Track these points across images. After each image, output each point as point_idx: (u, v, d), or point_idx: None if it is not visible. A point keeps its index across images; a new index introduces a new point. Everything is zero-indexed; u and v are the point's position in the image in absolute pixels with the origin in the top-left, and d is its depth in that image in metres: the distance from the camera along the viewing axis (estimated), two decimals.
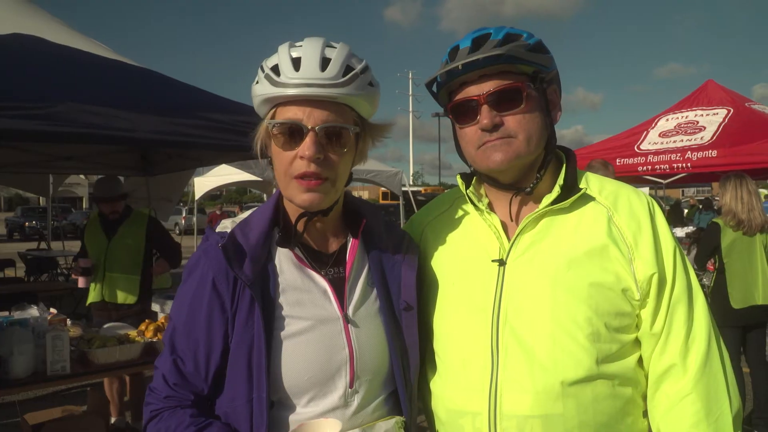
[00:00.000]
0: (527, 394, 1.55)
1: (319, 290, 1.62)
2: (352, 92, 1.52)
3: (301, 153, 1.50)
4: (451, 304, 1.73)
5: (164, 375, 1.58)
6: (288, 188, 1.56)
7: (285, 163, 1.54)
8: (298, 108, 1.51)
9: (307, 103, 1.51)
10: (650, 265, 1.59)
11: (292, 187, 1.55)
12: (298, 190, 1.54)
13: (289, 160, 1.53)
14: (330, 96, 1.50)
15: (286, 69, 1.50)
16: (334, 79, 1.50)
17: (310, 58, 1.51)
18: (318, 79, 1.48)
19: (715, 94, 10.58)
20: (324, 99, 1.51)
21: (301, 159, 1.51)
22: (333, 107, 1.52)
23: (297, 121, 1.50)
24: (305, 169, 1.51)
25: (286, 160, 1.53)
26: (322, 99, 1.51)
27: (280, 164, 1.55)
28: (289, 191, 1.56)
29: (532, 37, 1.65)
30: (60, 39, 5.21)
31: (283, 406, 1.56)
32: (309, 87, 1.48)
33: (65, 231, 22.57)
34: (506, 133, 1.62)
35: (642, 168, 9.76)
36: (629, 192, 1.72)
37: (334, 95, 1.50)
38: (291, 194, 1.56)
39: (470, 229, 1.78)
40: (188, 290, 1.60)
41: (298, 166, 1.52)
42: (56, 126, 3.91)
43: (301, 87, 1.48)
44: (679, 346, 1.59)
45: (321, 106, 1.51)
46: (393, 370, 1.67)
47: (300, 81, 1.48)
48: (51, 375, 4.06)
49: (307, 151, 1.49)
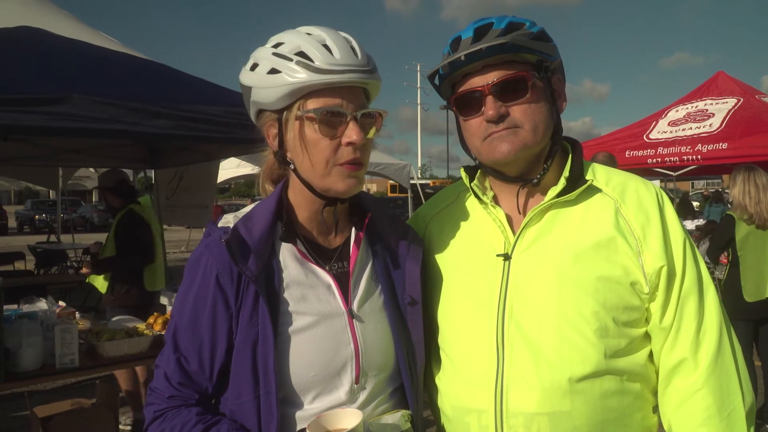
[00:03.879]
0: (534, 391, 1.52)
1: (324, 285, 1.61)
2: (377, 77, 1.53)
3: (348, 139, 1.48)
4: (456, 299, 1.71)
5: (167, 374, 1.56)
6: (329, 176, 1.53)
7: (327, 150, 1.50)
8: (334, 95, 1.49)
9: (342, 89, 1.49)
10: (659, 258, 1.56)
11: (335, 174, 1.52)
12: (341, 176, 1.52)
13: (333, 147, 1.50)
14: (366, 81, 1.50)
15: (320, 55, 1.46)
16: (367, 65, 1.50)
17: (340, 44, 1.49)
18: (356, 65, 1.48)
19: (726, 85, 10.51)
20: (359, 85, 1.51)
21: (347, 145, 1.49)
22: (360, 93, 1.53)
23: (338, 108, 1.48)
24: (353, 155, 1.50)
25: (330, 147, 1.50)
26: (358, 85, 1.50)
27: (320, 152, 1.51)
28: (329, 179, 1.53)
29: (535, 25, 1.62)
30: (67, 32, 5.23)
31: (288, 402, 1.54)
32: (350, 73, 1.47)
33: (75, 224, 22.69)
34: (512, 123, 1.59)
35: (652, 160, 9.69)
36: (637, 183, 1.69)
37: (368, 80, 1.51)
38: (331, 182, 1.53)
39: (475, 222, 1.76)
40: (191, 286, 1.58)
41: (346, 153, 1.50)
42: (63, 120, 3.93)
43: (343, 73, 1.46)
44: (689, 339, 1.57)
45: (354, 92, 1.51)
46: (399, 365, 1.65)
47: (340, 67, 1.46)
48: (60, 368, 4.06)
49: (355, 136, 1.48)
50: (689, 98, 10.76)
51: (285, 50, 1.50)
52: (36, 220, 33.34)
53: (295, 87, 1.47)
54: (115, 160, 7.64)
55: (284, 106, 1.53)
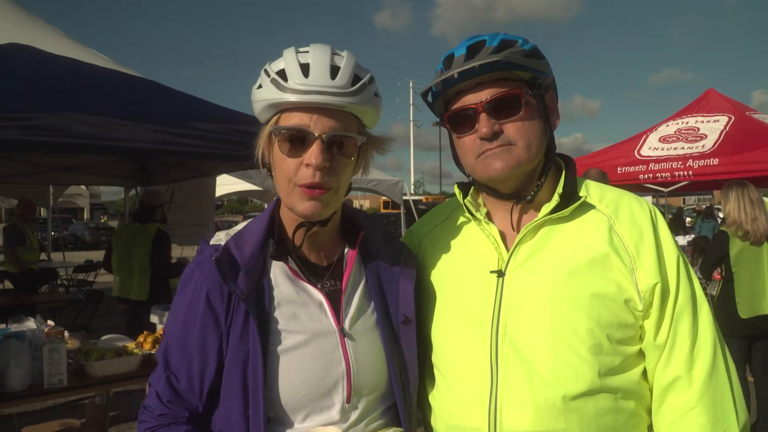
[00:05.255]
0: (528, 410, 1.51)
1: (315, 303, 1.59)
2: (360, 102, 1.50)
3: (308, 161, 1.47)
4: (450, 316, 1.69)
5: (158, 392, 1.55)
6: (290, 196, 1.52)
7: (289, 170, 1.50)
8: (304, 114, 1.48)
9: (314, 110, 1.48)
10: (653, 275, 1.56)
11: (294, 196, 1.51)
12: (301, 198, 1.50)
13: (294, 167, 1.49)
14: (339, 104, 1.47)
15: (295, 75, 1.47)
16: (344, 87, 1.47)
17: (320, 64, 1.48)
18: (328, 87, 1.46)
19: (716, 102, 10.57)
20: (333, 107, 1.48)
21: (307, 167, 1.47)
22: (339, 116, 1.50)
23: (303, 128, 1.47)
24: (311, 178, 1.48)
25: (291, 167, 1.50)
26: (330, 107, 1.48)
27: (283, 172, 1.51)
28: (291, 200, 1.52)
29: (528, 42, 1.63)
30: (57, 49, 5.22)
31: (279, 422, 1.53)
32: (319, 94, 1.45)
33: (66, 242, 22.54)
34: (506, 140, 1.59)
35: (643, 176, 9.73)
36: (631, 200, 1.69)
37: (344, 104, 1.47)
38: (293, 203, 1.52)
39: (468, 239, 1.75)
40: (182, 305, 1.57)
41: (304, 175, 1.48)
42: (53, 136, 3.92)
43: (311, 94, 1.45)
44: (684, 357, 1.56)
45: (328, 114, 1.48)
46: (391, 384, 1.63)
47: (310, 88, 1.45)
48: (48, 388, 4.02)
49: (314, 159, 1.46)
50: (680, 115, 10.81)
51: (271, 68, 1.52)
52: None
53: (265, 103, 1.51)
54: (105, 177, 7.65)
55: (265, 121, 1.56)
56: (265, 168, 1.62)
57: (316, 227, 1.59)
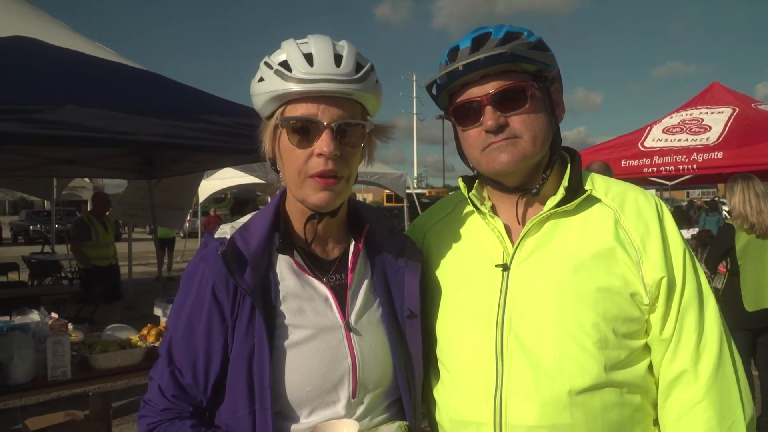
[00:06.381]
0: (533, 404, 1.50)
1: (321, 298, 1.58)
2: (365, 88, 1.49)
3: (319, 150, 1.46)
4: (454, 310, 1.69)
5: (161, 387, 1.54)
6: (302, 188, 1.51)
7: (299, 161, 1.49)
8: (311, 104, 1.47)
9: (320, 99, 1.47)
10: (659, 269, 1.55)
11: (306, 186, 1.50)
12: (314, 189, 1.49)
13: (304, 158, 1.48)
14: (347, 92, 1.47)
15: (299, 64, 1.46)
16: (349, 75, 1.47)
17: (323, 53, 1.47)
18: (334, 75, 1.45)
19: (721, 95, 10.50)
20: (340, 95, 1.47)
21: (318, 157, 1.46)
22: (346, 104, 1.49)
23: (312, 117, 1.46)
24: (323, 167, 1.47)
25: (300, 158, 1.48)
26: (337, 95, 1.47)
27: (293, 163, 1.50)
28: (303, 191, 1.51)
29: (533, 34, 1.61)
30: (61, 42, 5.21)
31: (284, 417, 1.52)
32: (326, 82, 1.44)
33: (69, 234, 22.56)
34: (511, 133, 1.58)
35: (647, 170, 9.68)
36: (637, 193, 1.68)
37: (351, 91, 1.47)
38: (305, 194, 1.51)
39: (473, 233, 1.74)
40: (186, 298, 1.56)
41: (315, 164, 1.47)
42: (57, 129, 3.92)
43: (318, 83, 1.44)
44: (690, 351, 1.55)
45: (334, 102, 1.47)
46: (397, 379, 1.63)
47: (316, 76, 1.44)
48: (52, 380, 4.03)
49: (325, 147, 1.45)
50: (684, 108, 10.77)
51: (272, 60, 1.51)
52: (30, 230, 33.20)
53: (269, 95, 1.49)
54: (110, 170, 7.65)
55: (269, 114, 1.54)
56: (270, 162, 1.61)
57: (324, 220, 1.58)
